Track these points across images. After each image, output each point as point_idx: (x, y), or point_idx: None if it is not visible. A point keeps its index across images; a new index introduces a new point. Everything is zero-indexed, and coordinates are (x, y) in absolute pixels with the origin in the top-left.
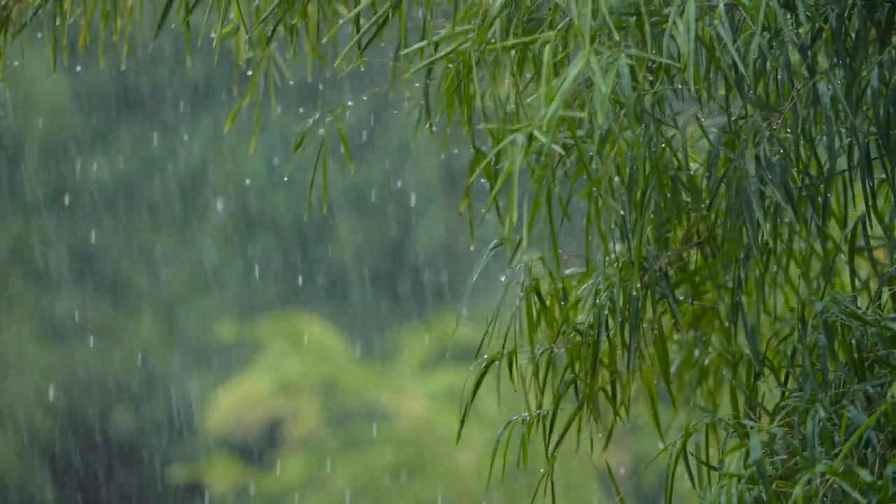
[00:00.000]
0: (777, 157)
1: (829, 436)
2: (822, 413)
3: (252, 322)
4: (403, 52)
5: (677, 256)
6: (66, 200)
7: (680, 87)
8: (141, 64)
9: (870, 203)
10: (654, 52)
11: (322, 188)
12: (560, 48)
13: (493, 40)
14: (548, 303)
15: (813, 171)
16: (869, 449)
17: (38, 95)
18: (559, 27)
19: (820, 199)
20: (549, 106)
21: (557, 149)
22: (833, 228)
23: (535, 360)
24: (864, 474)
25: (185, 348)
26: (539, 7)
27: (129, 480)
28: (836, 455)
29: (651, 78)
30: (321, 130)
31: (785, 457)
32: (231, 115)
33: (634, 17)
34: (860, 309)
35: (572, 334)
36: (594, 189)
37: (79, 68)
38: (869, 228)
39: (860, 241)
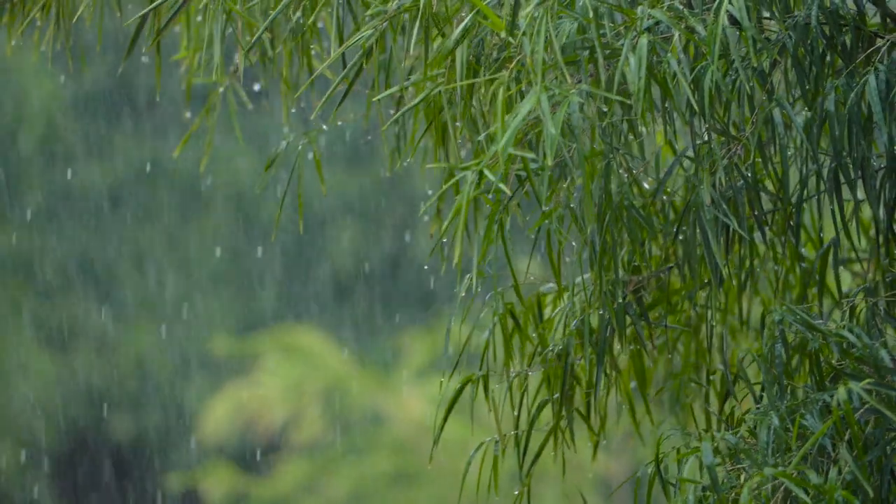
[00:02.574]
0: (740, 182)
1: (787, 443)
2: (775, 421)
3: (250, 329)
4: (375, 98)
5: (648, 280)
6: (63, 207)
7: (635, 120)
8: (140, 68)
9: (838, 225)
10: (606, 86)
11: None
12: (514, 83)
13: (457, 82)
14: (521, 321)
15: (775, 190)
16: (825, 456)
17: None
18: (513, 64)
19: (792, 222)
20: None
21: (503, 188)
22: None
23: (510, 382)
24: (812, 476)
25: (184, 355)
26: (504, 47)
27: (126, 488)
28: (791, 461)
29: (606, 109)
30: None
31: (747, 465)
32: (182, 140)
33: (588, 52)
34: (819, 320)
35: (548, 354)
36: (547, 221)
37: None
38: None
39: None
